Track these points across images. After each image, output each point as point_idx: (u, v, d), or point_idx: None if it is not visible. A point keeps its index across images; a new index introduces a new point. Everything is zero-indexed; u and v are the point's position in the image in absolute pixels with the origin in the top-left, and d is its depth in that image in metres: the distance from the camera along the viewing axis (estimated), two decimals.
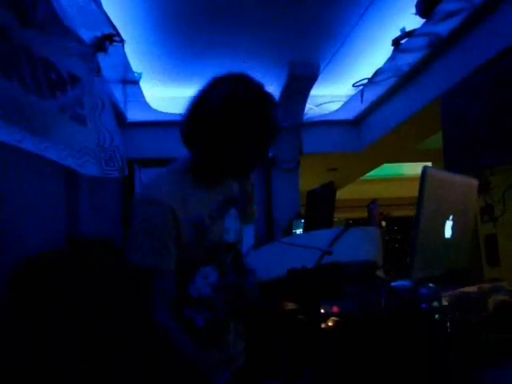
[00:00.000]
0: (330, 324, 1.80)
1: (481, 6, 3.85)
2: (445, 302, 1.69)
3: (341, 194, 9.20)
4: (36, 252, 3.18)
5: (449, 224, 2.01)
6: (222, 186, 2.08)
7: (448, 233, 2.00)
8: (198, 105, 1.95)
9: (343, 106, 6.53)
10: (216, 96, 1.91)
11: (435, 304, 1.61)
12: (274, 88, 5.93)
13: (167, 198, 1.88)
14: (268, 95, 1.95)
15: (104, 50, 3.97)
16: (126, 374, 2.73)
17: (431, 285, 1.84)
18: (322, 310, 1.87)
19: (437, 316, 1.60)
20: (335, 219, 5.03)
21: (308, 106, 6.31)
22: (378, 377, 1.58)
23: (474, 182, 2.22)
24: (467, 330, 1.64)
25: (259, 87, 1.96)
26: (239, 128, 1.88)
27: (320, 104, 6.41)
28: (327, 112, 6.60)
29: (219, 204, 2.03)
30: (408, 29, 4.42)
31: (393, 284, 1.78)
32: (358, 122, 7.06)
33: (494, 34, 3.85)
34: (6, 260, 2.99)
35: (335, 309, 1.83)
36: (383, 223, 9.16)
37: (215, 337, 2.00)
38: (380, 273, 3.09)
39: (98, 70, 3.77)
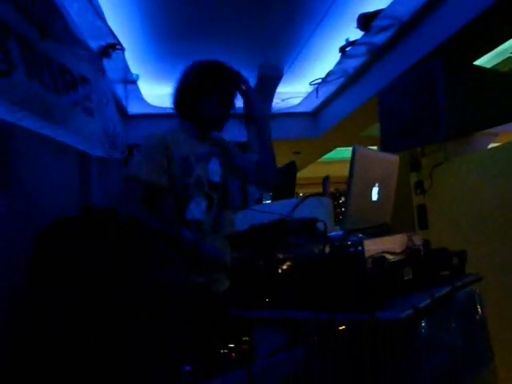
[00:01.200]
0: (284, 268, 1.90)
1: (406, 22, 3.98)
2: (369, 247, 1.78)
3: (303, 173, 9.26)
4: (54, 219, 3.22)
5: (375, 190, 2.08)
6: (207, 142, 2.31)
7: (374, 197, 2.08)
8: (180, 79, 2.28)
9: (303, 100, 6.61)
10: (191, 70, 2.26)
11: (360, 248, 1.71)
12: None
13: (162, 134, 2.19)
14: (229, 68, 2.26)
15: (108, 56, 4.01)
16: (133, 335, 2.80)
17: (360, 234, 1.94)
18: (277, 256, 1.95)
19: (361, 258, 1.70)
20: (301, 194, 5.13)
21: (275, 100, 6.38)
22: (318, 298, 1.71)
23: (395, 158, 2.29)
24: (385, 266, 1.74)
25: (223, 63, 2.27)
26: (207, 89, 2.21)
27: (284, 99, 6.48)
28: (290, 105, 6.70)
29: (204, 151, 2.26)
30: (352, 39, 4.52)
31: (329, 234, 1.90)
32: (315, 113, 7.12)
33: (417, 44, 3.97)
34: (32, 223, 3.04)
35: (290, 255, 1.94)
36: (342, 199, 9.09)
37: (202, 254, 2.13)
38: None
39: (103, 72, 3.80)
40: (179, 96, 2.28)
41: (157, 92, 5.99)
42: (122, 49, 4.19)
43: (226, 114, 2.29)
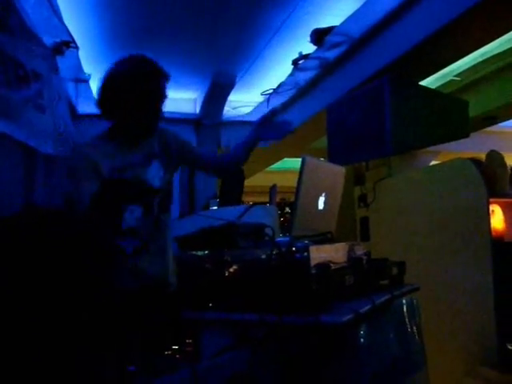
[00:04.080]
0: (232, 271, 1.93)
1: (357, 40, 4.10)
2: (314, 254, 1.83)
3: (249, 182, 9.29)
4: None
5: (321, 199, 2.14)
6: (142, 145, 2.17)
7: (321, 205, 2.14)
8: (107, 79, 2.12)
9: (254, 109, 6.60)
10: (119, 70, 2.11)
11: (305, 254, 1.76)
12: (199, 93, 6.03)
13: (87, 151, 2.07)
14: (155, 67, 2.13)
15: (62, 53, 3.91)
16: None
17: (306, 241, 2.00)
18: (226, 259, 1.98)
19: (306, 263, 1.76)
20: (250, 203, 5.16)
21: (226, 108, 6.39)
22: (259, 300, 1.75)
23: (341, 169, 2.36)
24: (329, 273, 1.80)
25: (148, 62, 2.14)
26: (135, 91, 2.06)
27: (235, 107, 6.50)
28: (241, 114, 6.74)
29: (139, 157, 2.13)
30: (304, 53, 4.60)
31: (277, 239, 1.94)
32: None
33: (367, 61, 4.09)
34: None
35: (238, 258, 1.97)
36: (287, 209, 9.11)
37: (142, 263, 2.10)
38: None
39: (56, 69, 3.71)
40: (104, 98, 2.14)
41: None
42: (76, 47, 4.13)
43: (156, 114, 2.15)
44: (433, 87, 4.78)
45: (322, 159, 5.86)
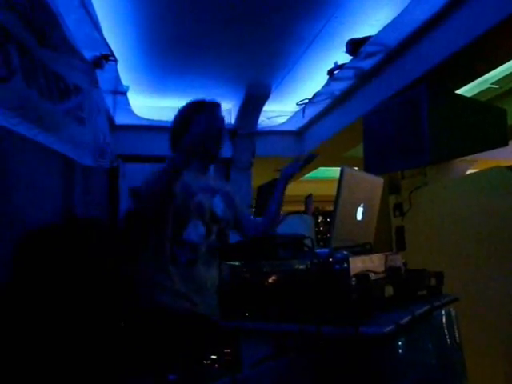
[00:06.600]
0: (272, 281, 1.93)
1: (393, 49, 4.09)
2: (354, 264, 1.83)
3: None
4: (37, 225, 3.18)
5: (360, 210, 2.13)
6: (207, 177, 2.40)
7: (359, 216, 2.13)
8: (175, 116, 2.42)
9: (289, 119, 6.64)
10: (182, 110, 2.41)
11: (345, 265, 1.76)
12: (234, 103, 6.06)
13: None
14: (214, 106, 2.46)
15: (101, 66, 4.02)
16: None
17: (345, 252, 1.99)
18: (265, 270, 1.98)
19: (346, 274, 1.75)
20: (286, 212, 5.16)
21: (261, 118, 6.40)
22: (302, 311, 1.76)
23: (380, 180, 2.36)
24: (369, 283, 1.79)
25: (209, 102, 2.47)
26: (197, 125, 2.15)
27: (271, 117, 6.50)
28: (276, 124, 6.73)
29: (206, 184, 2.34)
30: (340, 63, 4.58)
31: (316, 250, 1.95)
32: (300, 132, 7.15)
33: (403, 70, 4.07)
34: (12, 231, 2.97)
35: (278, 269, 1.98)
36: (320, 218, 9.03)
37: (192, 276, 2.20)
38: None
39: (96, 83, 3.80)
40: (175, 131, 2.38)
41: (145, 104, 6.02)
42: (115, 60, 4.20)
43: (217, 142, 2.39)
44: (470, 95, 4.72)
45: (356, 168, 5.84)
